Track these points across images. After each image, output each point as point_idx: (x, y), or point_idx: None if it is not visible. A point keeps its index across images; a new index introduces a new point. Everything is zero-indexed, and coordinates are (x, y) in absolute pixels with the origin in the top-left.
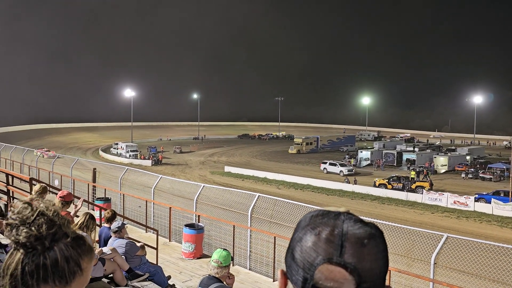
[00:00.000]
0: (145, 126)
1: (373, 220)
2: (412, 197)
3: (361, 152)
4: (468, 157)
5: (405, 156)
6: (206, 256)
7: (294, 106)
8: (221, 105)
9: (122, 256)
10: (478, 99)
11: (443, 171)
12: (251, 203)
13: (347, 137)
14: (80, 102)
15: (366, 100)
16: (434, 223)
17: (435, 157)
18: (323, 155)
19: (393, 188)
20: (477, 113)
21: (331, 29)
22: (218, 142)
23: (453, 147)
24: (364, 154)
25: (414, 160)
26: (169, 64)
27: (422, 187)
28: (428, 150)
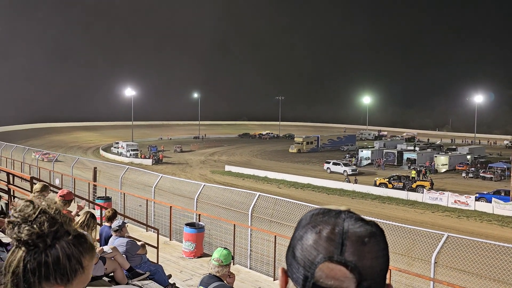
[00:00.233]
0: (145, 125)
1: (373, 219)
2: (413, 196)
3: (362, 151)
4: (468, 157)
5: (406, 156)
6: (207, 255)
7: (294, 105)
8: (222, 104)
9: (123, 255)
10: (478, 98)
11: (443, 170)
12: (251, 202)
13: (347, 137)
14: (81, 101)
15: (366, 100)
16: (434, 222)
17: (435, 156)
18: (324, 154)
19: (393, 188)
20: (477, 112)
21: (331, 29)
22: (219, 141)
23: (453, 147)
24: (365, 154)
25: (415, 159)
26: (169, 63)
27: (423, 186)
28: (429, 150)
